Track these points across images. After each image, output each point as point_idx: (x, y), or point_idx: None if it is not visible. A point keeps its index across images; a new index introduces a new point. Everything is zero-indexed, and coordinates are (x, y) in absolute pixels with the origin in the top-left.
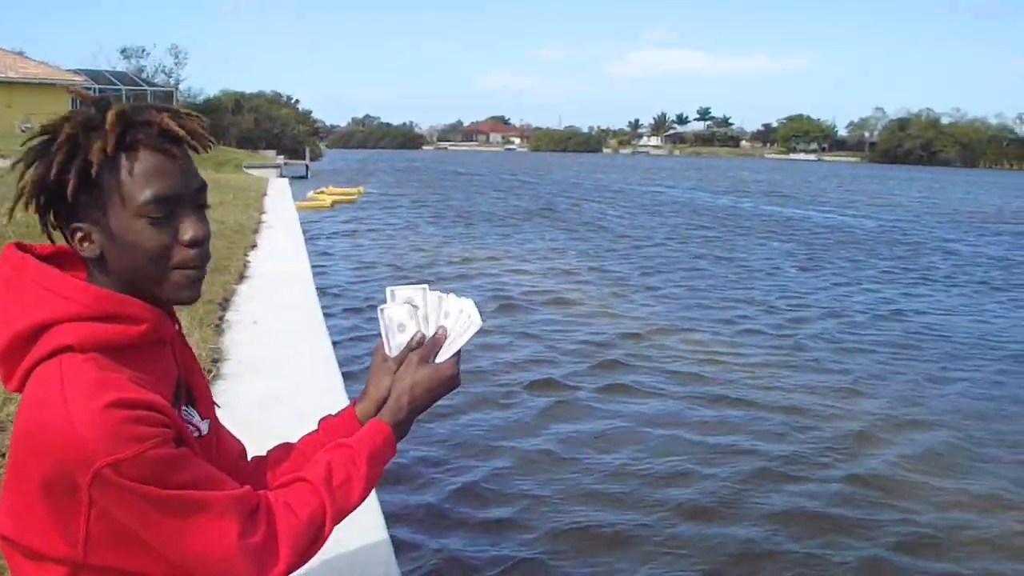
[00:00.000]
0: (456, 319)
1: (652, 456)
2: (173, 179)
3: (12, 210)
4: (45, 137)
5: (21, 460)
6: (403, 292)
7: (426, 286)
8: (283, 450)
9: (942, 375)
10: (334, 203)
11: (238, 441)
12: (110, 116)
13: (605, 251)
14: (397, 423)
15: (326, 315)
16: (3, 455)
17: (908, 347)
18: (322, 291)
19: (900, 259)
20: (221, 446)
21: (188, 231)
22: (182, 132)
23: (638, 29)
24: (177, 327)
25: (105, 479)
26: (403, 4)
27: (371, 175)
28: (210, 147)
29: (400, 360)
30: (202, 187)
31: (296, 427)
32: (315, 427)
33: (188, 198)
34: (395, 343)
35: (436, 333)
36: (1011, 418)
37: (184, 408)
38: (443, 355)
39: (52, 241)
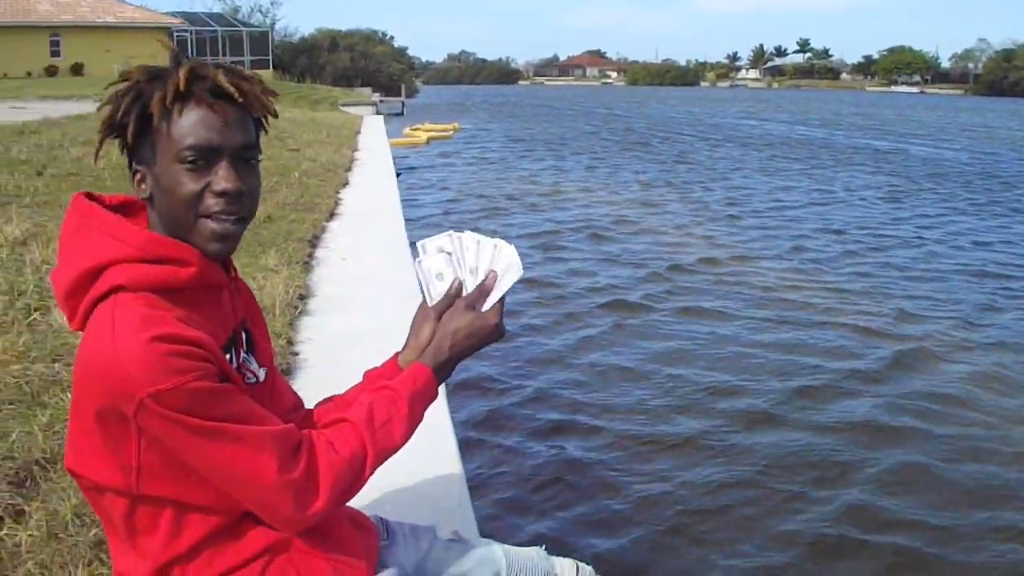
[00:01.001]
0: (496, 265)
1: (716, 371)
2: (214, 131)
3: (97, 152)
4: (124, 83)
5: (79, 394)
6: (434, 242)
7: (452, 232)
8: (330, 401)
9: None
10: (429, 139)
11: (294, 394)
12: (181, 71)
13: (693, 182)
14: (438, 366)
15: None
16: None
17: (985, 275)
18: (412, 223)
19: (989, 191)
20: (275, 396)
21: (220, 181)
22: (231, 89)
23: None
24: (233, 274)
25: (148, 409)
26: None
27: (467, 111)
28: (266, 111)
29: (441, 309)
30: (248, 144)
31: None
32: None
33: (229, 151)
34: (435, 292)
35: (484, 279)
36: None
37: (243, 354)
38: (488, 303)
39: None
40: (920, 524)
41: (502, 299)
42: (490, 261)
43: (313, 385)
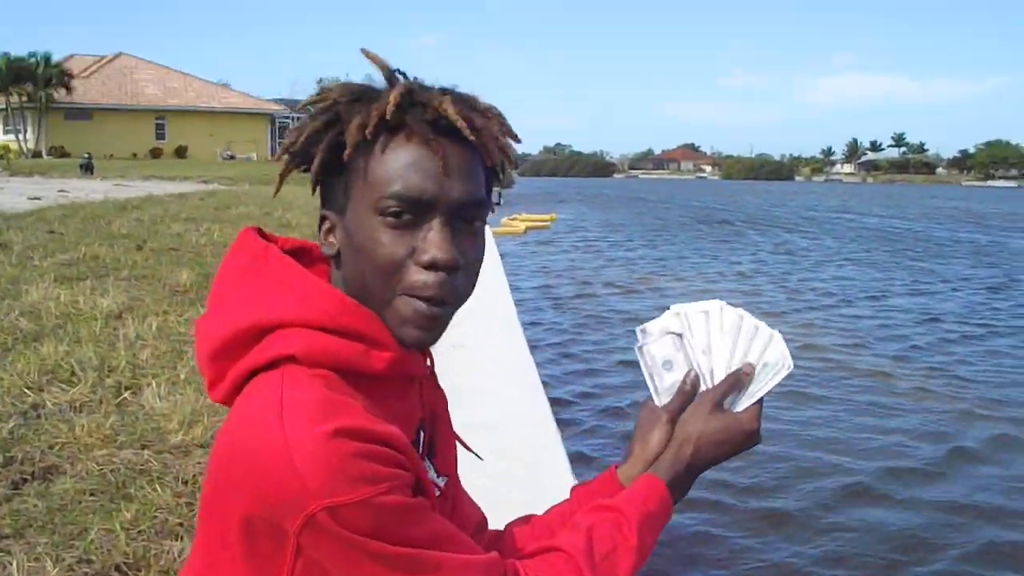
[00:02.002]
0: (756, 355)
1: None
2: (430, 178)
3: (279, 186)
4: (320, 103)
5: (220, 490)
6: (658, 324)
7: (680, 308)
8: (526, 523)
9: None
10: (527, 229)
11: (478, 510)
12: (392, 94)
13: (790, 272)
14: (674, 480)
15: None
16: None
17: None
18: (519, 306)
19: None
20: (457, 512)
21: (429, 248)
22: (461, 122)
23: (830, 54)
24: (430, 364)
25: (320, 526)
26: (595, 33)
27: (562, 202)
28: (505, 157)
29: (676, 408)
30: (474, 201)
31: (501, 458)
32: (567, 496)
33: (446, 208)
34: (664, 386)
35: (739, 370)
36: None
37: (424, 461)
38: (743, 402)
39: None
40: None
41: (761, 400)
42: (746, 349)
43: None
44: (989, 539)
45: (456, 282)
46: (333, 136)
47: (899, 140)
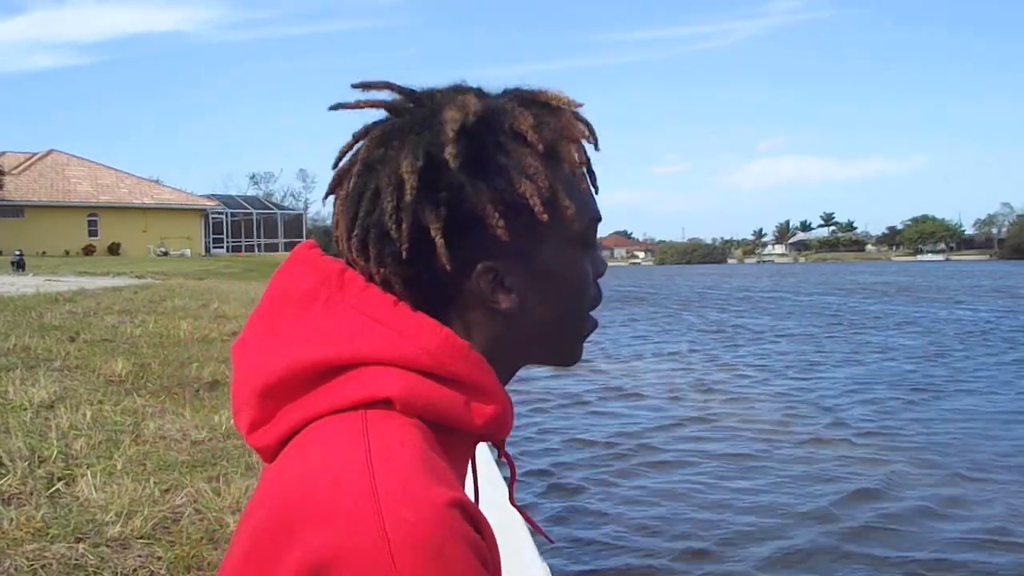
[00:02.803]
0: None
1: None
2: (590, 194)
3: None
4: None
5: (264, 552)
6: None
7: None
8: None
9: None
10: None
11: None
12: (574, 118)
13: (723, 348)
14: None
15: None
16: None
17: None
18: None
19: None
20: None
21: (600, 260)
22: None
23: (756, 138)
24: None
25: None
26: None
27: None
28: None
29: None
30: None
31: None
32: None
33: None
34: None
35: None
36: None
37: None
38: None
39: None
40: None
41: None
42: None
43: None
44: None
45: None
46: (469, 148)
47: (828, 219)
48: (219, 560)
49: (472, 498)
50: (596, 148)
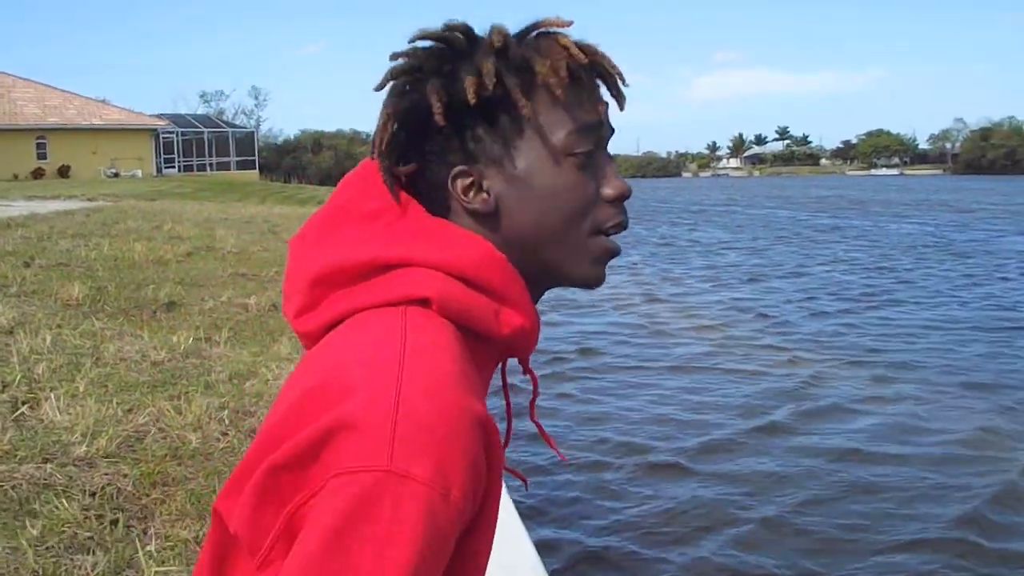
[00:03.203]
0: None
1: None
2: (595, 112)
3: (385, 144)
4: (405, 64)
5: (301, 415)
6: None
7: None
8: None
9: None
10: None
11: None
12: (565, 44)
13: (673, 262)
14: None
15: None
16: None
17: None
18: None
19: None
20: None
21: (615, 182)
22: (605, 63)
23: (711, 51)
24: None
25: (381, 484)
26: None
27: None
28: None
29: None
30: (612, 130)
31: None
32: None
33: (605, 141)
34: None
35: None
36: None
37: None
38: None
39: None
40: None
41: None
42: None
43: None
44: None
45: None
46: (475, 79)
47: (783, 133)
48: (183, 475)
49: (504, 410)
50: (587, 69)
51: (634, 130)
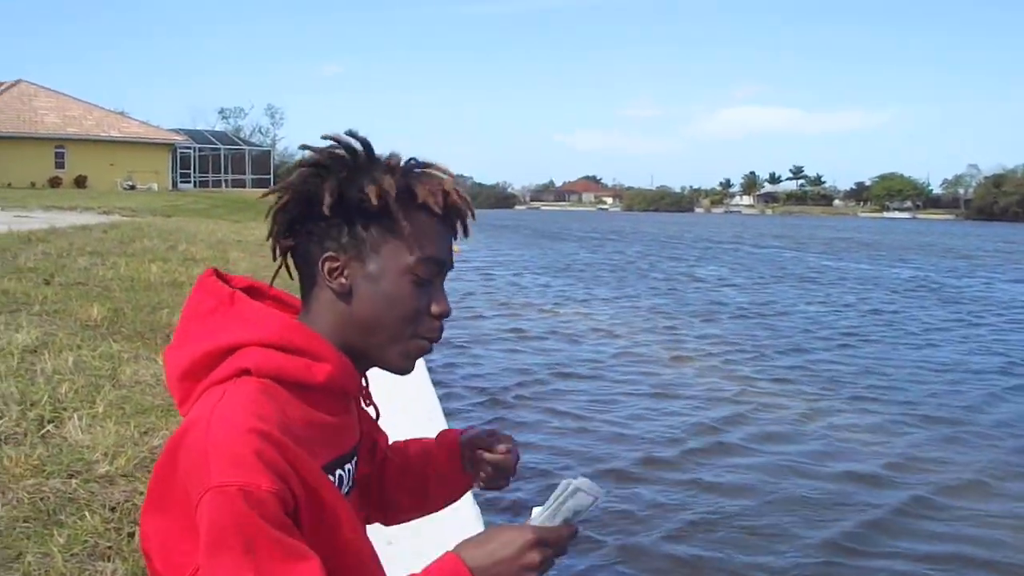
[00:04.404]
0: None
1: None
2: (444, 247)
3: (273, 219)
4: (312, 159)
5: (166, 453)
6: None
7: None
8: (406, 446)
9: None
10: None
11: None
12: (438, 184)
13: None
14: (473, 559)
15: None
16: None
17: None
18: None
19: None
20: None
21: (441, 303)
22: (467, 208)
23: (729, 87)
24: (364, 385)
25: (207, 502)
26: (497, 64)
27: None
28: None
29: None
30: (451, 266)
31: None
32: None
33: (446, 271)
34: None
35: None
36: None
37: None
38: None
39: (288, 271)
40: None
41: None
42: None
43: None
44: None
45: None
46: (362, 187)
47: (797, 172)
48: None
49: (355, 446)
50: (452, 205)
51: (648, 163)
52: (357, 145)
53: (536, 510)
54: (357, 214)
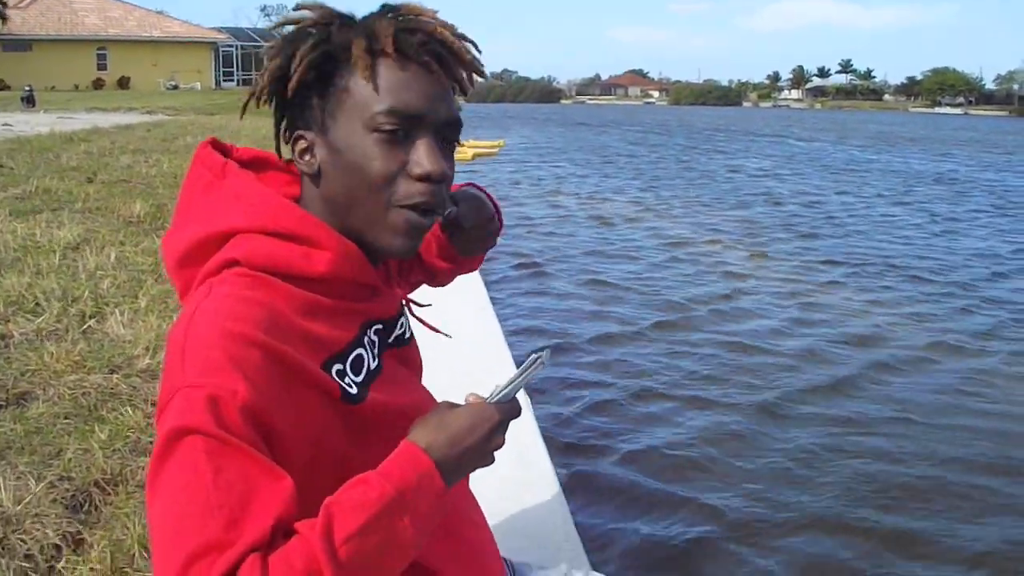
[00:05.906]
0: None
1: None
2: (421, 97)
3: (245, 106)
4: (294, 24)
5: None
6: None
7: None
8: None
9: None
10: (475, 156)
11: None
12: (385, 24)
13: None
14: (432, 444)
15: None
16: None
17: None
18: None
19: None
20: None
21: (422, 162)
22: (458, 44)
23: None
24: (384, 274)
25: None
26: None
27: (510, 129)
28: (472, 85)
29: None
30: (453, 121)
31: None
32: None
33: (431, 124)
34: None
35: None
36: None
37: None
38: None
39: (280, 155)
40: None
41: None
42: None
43: None
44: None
45: (443, 193)
46: (319, 57)
47: (846, 66)
48: None
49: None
50: (421, 54)
51: (695, 58)
52: (318, 13)
53: (497, 385)
54: (316, 82)
